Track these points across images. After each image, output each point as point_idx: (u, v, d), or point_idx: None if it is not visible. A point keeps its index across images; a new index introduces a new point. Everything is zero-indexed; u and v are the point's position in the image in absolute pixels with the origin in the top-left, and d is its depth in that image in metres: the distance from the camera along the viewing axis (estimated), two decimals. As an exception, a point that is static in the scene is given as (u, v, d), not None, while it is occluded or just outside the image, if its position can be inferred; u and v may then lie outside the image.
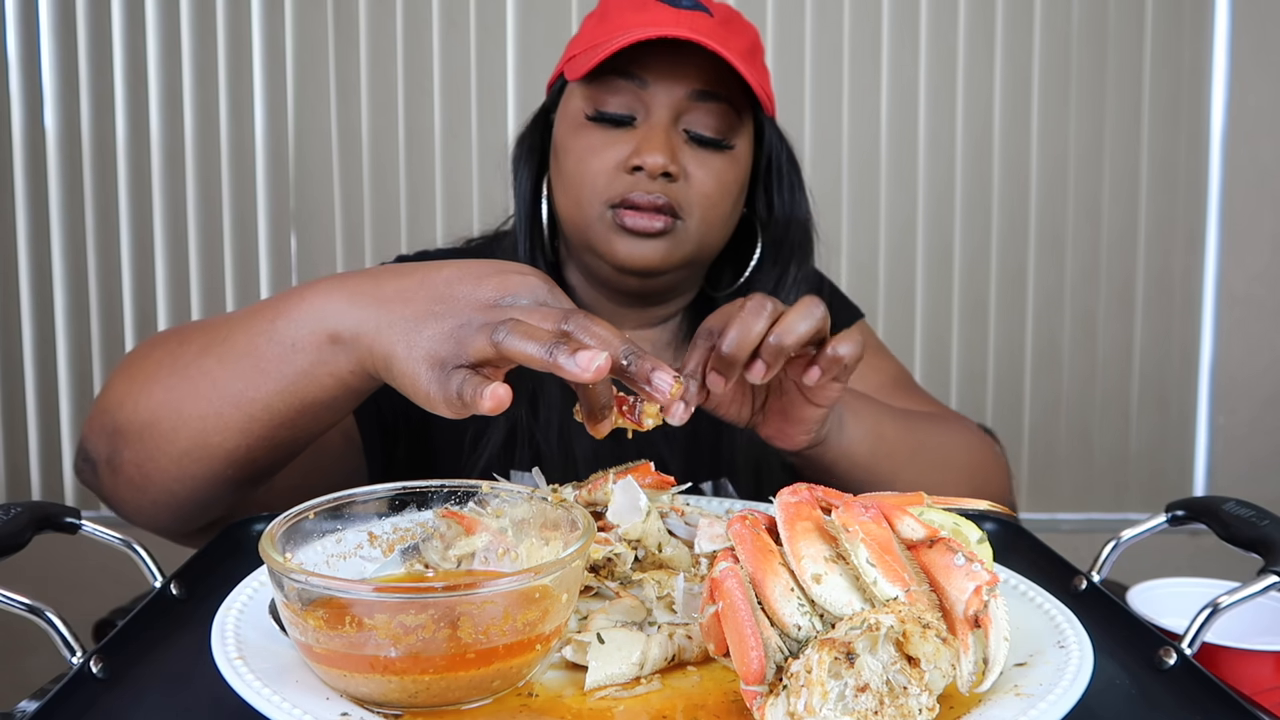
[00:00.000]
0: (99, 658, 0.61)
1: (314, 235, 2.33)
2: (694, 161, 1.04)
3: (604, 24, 1.07)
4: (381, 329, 0.72)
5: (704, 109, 1.04)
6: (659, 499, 0.76)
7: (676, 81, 1.03)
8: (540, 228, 1.13)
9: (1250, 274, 2.36)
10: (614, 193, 1.03)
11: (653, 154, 1.01)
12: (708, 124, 1.05)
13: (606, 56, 1.00)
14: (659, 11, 1.03)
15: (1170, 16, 2.29)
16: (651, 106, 1.04)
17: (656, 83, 1.03)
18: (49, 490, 2.38)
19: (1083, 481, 2.40)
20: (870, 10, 2.28)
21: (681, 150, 1.04)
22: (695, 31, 0.99)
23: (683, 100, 1.04)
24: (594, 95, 1.05)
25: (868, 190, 2.32)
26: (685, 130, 1.05)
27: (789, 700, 0.51)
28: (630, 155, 1.02)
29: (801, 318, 0.79)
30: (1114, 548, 0.82)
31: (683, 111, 1.04)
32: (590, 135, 1.05)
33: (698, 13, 1.03)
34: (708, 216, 1.06)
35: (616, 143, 1.04)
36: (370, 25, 2.28)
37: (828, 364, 0.81)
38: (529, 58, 2.29)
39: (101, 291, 2.33)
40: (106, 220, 2.32)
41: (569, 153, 1.06)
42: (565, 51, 1.14)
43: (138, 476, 0.84)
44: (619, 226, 1.03)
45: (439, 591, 0.55)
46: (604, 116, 1.04)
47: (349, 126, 2.30)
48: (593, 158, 1.04)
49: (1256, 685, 0.76)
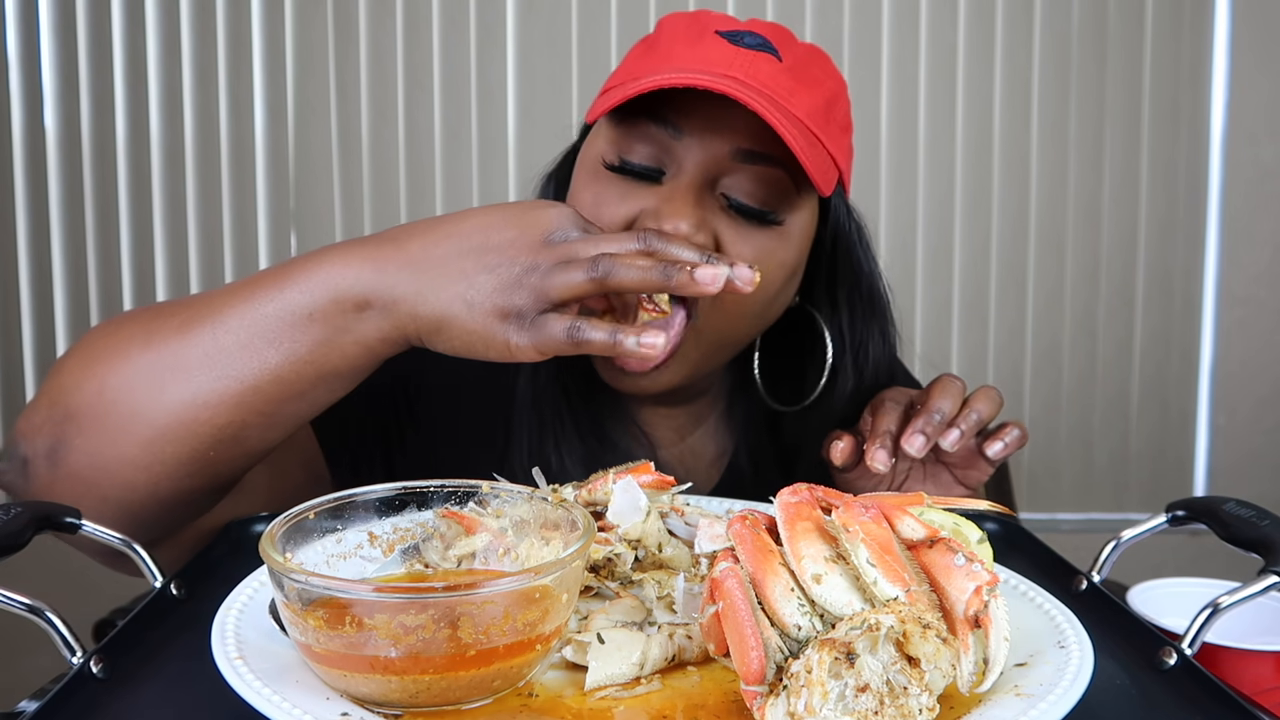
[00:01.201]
0: (99, 658, 0.61)
1: (314, 235, 2.32)
2: (730, 234, 0.85)
3: (650, 55, 0.88)
4: (424, 292, 0.69)
5: (750, 172, 0.85)
6: (659, 499, 0.76)
7: (720, 135, 0.84)
8: None
9: (1250, 274, 2.36)
10: None
11: (674, 218, 0.81)
12: (752, 192, 0.85)
13: (633, 95, 0.81)
14: (715, 48, 0.85)
15: (1170, 16, 2.29)
16: (684, 161, 0.85)
17: (693, 134, 0.84)
18: (49, 490, 2.38)
19: (1083, 481, 2.40)
20: (870, 11, 2.28)
21: (715, 219, 0.85)
22: (752, 77, 0.82)
23: (724, 159, 0.85)
24: (619, 140, 0.86)
25: (868, 191, 2.32)
26: (724, 195, 0.86)
27: (789, 700, 0.51)
28: (643, 214, 0.84)
29: (987, 405, 0.85)
30: (1114, 548, 0.82)
31: (723, 173, 0.85)
32: (606, 185, 0.87)
33: (762, 54, 0.84)
34: (733, 320, 0.87)
35: (632, 196, 0.85)
36: (370, 25, 2.28)
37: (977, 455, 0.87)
38: (529, 58, 2.29)
39: (101, 291, 2.33)
40: (106, 220, 2.32)
41: (579, 201, 0.88)
42: (605, 84, 0.96)
43: (89, 469, 0.74)
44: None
45: (439, 591, 0.55)
46: (627, 167, 0.86)
47: (349, 126, 2.30)
48: (600, 211, 0.85)
49: (1257, 685, 0.76)
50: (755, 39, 0.86)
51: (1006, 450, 0.86)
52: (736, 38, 0.86)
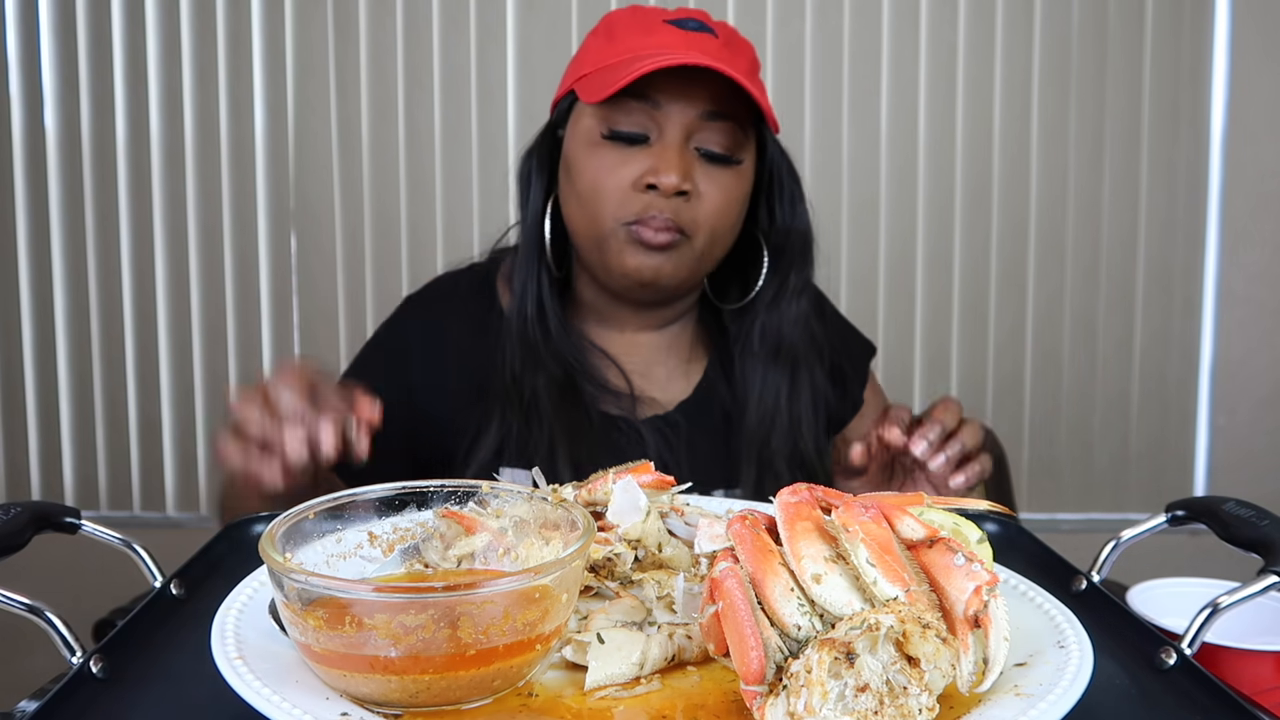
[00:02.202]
0: (99, 658, 0.61)
1: (314, 235, 2.33)
2: (705, 178, 1.10)
3: (612, 44, 1.11)
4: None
5: (714, 128, 1.09)
6: (659, 499, 0.76)
7: (689, 103, 1.07)
8: (545, 247, 1.17)
9: (1250, 274, 2.36)
10: (629, 211, 1.08)
11: (669, 173, 1.06)
12: (718, 141, 1.09)
13: (628, 83, 1.03)
14: (668, 34, 1.09)
15: (1170, 16, 2.29)
16: (665, 127, 1.08)
17: (670, 104, 1.07)
18: (49, 490, 2.38)
19: (1083, 481, 2.40)
20: (870, 11, 2.28)
21: (694, 167, 1.09)
22: (704, 54, 1.05)
23: (694, 120, 1.08)
24: (607, 115, 1.09)
25: (868, 191, 2.32)
26: (697, 148, 1.09)
27: (789, 700, 0.51)
28: (645, 174, 1.07)
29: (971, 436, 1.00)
30: (1114, 548, 0.82)
31: (694, 130, 1.09)
32: (605, 154, 1.09)
33: (704, 34, 1.09)
34: (715, 231, 1.12)
35: (630, 161, 1.08)
36: (370, 25, 2.28)
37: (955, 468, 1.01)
38: (529, 58, 2.29)
39: (101, 291, 2.33)
40: (106, 220, 2.32)
41: (583, 170, 1.10)
42: (569, 69, 1.17)
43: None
44: (632, 240, 1.09)
45: (439, 591, 0.55)
46: (619, 135, 1.09)
47: (349, 126, 2.30)
48: (608, 176, 1.08)
49: (1256, 685, 0.76)
50: (695, 23, 1.10)
51: (968, 484, 1.01)
52: (682, 24, 1.09)
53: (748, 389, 1.20)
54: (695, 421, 1.20)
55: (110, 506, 2.37)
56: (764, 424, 1.19)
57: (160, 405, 2.35)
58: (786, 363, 1.20)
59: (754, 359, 1.20)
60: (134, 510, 2.38)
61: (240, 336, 2.34)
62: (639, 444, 1.16)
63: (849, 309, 1.37)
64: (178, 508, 2.38)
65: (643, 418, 1.19)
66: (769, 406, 1.19)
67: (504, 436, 1.14)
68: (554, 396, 1.14)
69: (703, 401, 1.22)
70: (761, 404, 1.19)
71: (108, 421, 2.36)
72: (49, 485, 2.38)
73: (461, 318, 1.22)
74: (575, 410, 1.15)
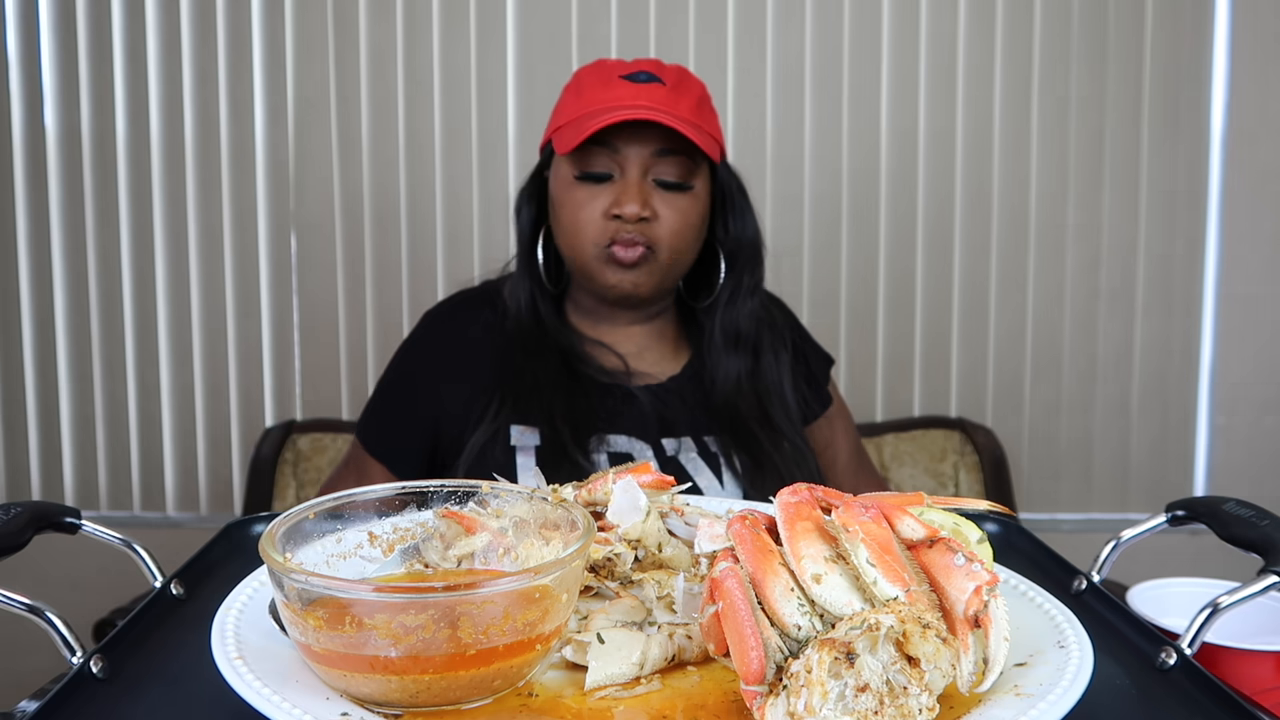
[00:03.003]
0: (99, 658, 0.61)
1: (314, 235, 2.33)
2: (662, 203, 1.32)
3: (579, 99, 1.33)
4: None
5: (667, 161, 1.31)
6: (659, 499, 0.76)
7: (643, 145, 1.30)
8: (537, 264, 1.40)
9: (1250, 274, 2.36)
10: (604, 236, 1.31)
11: (630, 203, 1.29)
12: (671, 171, 1.32)
13: (586, 138, 1.27)
14: (622, 89, 1.31)
15: (1170, 17, 2.29)
16: (625, 166, 1.31)
17: (626, 147, 1.30)
18: (49, 490, 2.38)
19: (1083, 481, 2.40)
20: (870, 11, 2.28)
21: (652, 196, 1.31)
22: (653, 102, 1.28)
23: (649, 158, 1.31)
24: (579, 161, 1.32)
25: (868, 190, 2.32)
26: (654, 180, 1.31)
27: (789, 700, 0.51)
28: (611, 205, 1.30)
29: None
30: (1114, 548, 0.82)
31: (650, 165, 1.31)
32: (579, 192, 1.32)
33: (653, 84, 1.31)
34: (676, 245, 1.34)
35: (600, 195, 1.31)
36: (370, 25, 2.28)
37: None
38: (529, 58, 2.29)
39: (101, 291, 2.33)
40: (106, 220, 2.32)
41: (564, 207, 1.34)
42: (551, 119, 1.39)
43: None
44: (609, 260, 1.32)
45: (439, 591, 0.55)
46: (589, 176, 1.32)
47: (349, 126, 2.30)
48: (583, 210, 1.32)
49: (1256, 685, 0.76)
50: (645, 75, 1.32)
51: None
52: (634, 77, 1.32)
53: (714, 374, 1.39)
54: (684, 390, 1.40)
55: (110, 506, 2.37)
56: (729, 402, 1.37)
57: (160, 405, 2.35)
58: (747, 349, 1.40)
59: (717, 349, 1.40)
60: (134, 510, 2.38)
61: (240, 336, 2.34)
62: (633, 404, 1.36)
63: (849, 309, 1.38)
64: (178, 508, 2.38)
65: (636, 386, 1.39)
66: (733, 387, 1.38)
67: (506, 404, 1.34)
68: (552, 374, 1.35)
69: (692, 377, 1.42)
70: (725, 384, 1.38)
71: (108, 421, 2.36)
72: (49, 485, 2.38)
73: (477, 324, 1.43)
74: (574, 381, 1.35)
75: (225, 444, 2.36)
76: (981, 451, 2.04)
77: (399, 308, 2.33)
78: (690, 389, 1.40)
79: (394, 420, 1.41)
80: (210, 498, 2.37)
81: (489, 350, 1.40)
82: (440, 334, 1.45)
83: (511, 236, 1.45)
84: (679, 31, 2.27)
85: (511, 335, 1.40)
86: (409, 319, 2.32)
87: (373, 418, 1.43)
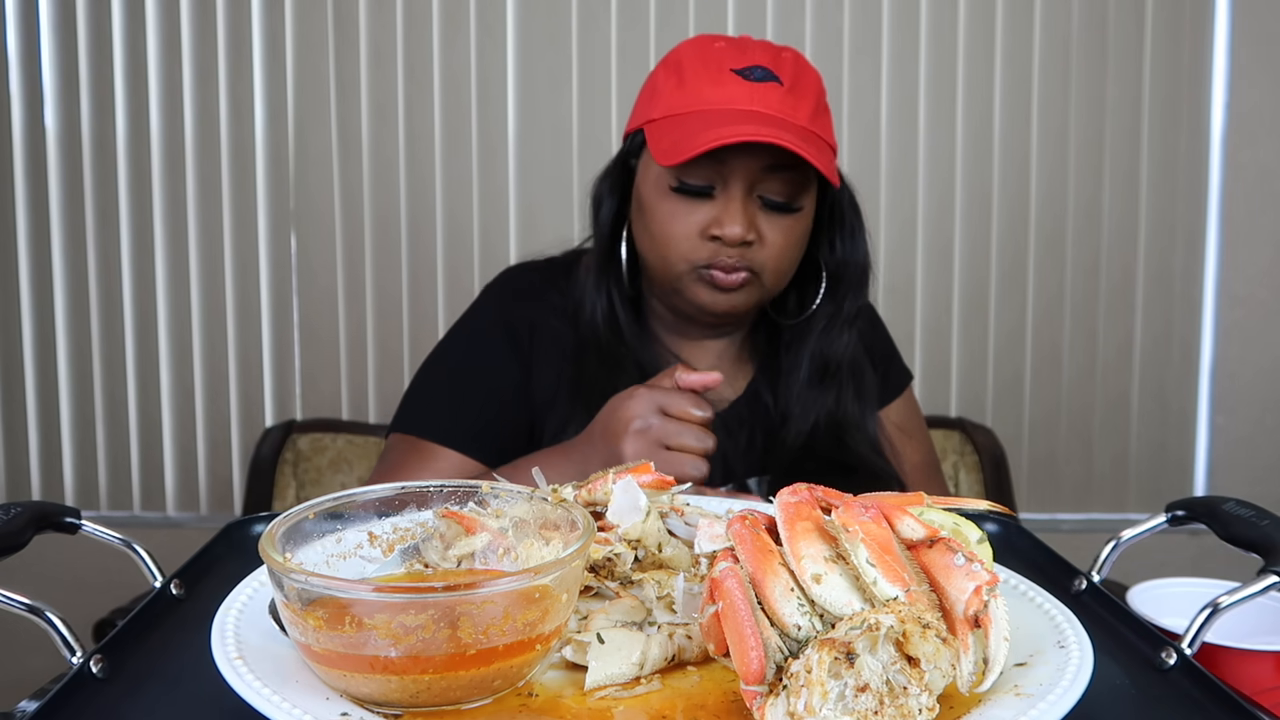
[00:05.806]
0: (99, 658, 0.61)
1: (314, 235, 2.33)
2: (767, 225, 1.17)
3: (682, 90, 1.17)
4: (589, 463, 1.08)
5: (776, 178, 1.15)
6: (659, 499, 0.76)
7: (752, 158, 1.13)
8: (618, 261, 1.26)
9: (1250, 274, 2.36)
10: (698, 258, 1.17)
11: (733, 225, 1.13)
12: (779, 190, 1.16)
13: (695, 155, 1.10)
14: (734, 87, 1.14)
15: (1170, 16, 2.29)
16: (729, 180, 1.14)
17: (734, 160, 1.13)
18: (49, 490, 2.38)
19: (1083, 481, 2.40)
20: (870, 11, 2.28)
21: (757, 217, 1.16)
22: (768, 108, 1.13)
23: (757, 173, 1.14)
24: (677, 169, 1.15)
25: (868, 190, 2.32)
26: (760, 197, 1.16)
27: (789, 700, 0.51)
28: (710, 224, 1.15)
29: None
30: (1114, 548, 0.82)
31: (757, 182, 1.15)
32: (674, 203, 1.17)
33: (769, 84, 1.14)
34: (780, 269, 1.20)
35: (698, 211, 1.16)
36: (370, 25, 2.28)
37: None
38: (529, 58, 2.29)
39: (101, 291, 2.33)
40: (106, 220, 2.32)
41: (654, 214, 1.19)
42: (640, 101, 1.23)
43: None
44: (705, 281, 1.18)
45: (439, 591, 0.55)
46: (685, 188, 1.16)
47: (349, 126, 2.30)
48: (676, 224, 1.17)
49: (1256, 685, 0.76)
50: (761, 71, 1.14)
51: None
52: (748, 74, 1.14)
53: (790, 406, 1.27)
54: (743, 416, 1.29)
55: (110, 506, 2.37)
56: (800, 443, 1.25)
57: (160, 405, 2.35)
58: (832, 383, 1.27)
59: (800, 380, 1.27)
60: (134, 510, 2.38)
61: (240, 336, 2.34)
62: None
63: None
64: (178, 508, 2.38)
65: None
66: (810, 423, 1.26)
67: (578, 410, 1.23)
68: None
69: (751, 403, 1.30)
70: (802, 423, 1.26)
71: (108, 421, 2.36)
72: (49, 485, 2.38)
73: (546, 310, 1.31)
74: None
75: (225, 444, 2.36)
76: (981, 451, 2.04)
77: (399, 308, 2.33)
78: (749, 415, 1.29)
79: (471, 403, 1.27)
80: (210, 498, 2.37)
81: (569, 340, 1.28)
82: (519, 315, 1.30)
83: (512, 236, 1.38)
84: (679, 32, 2.27)
85: (585, 339, 1.27)
86: (409, 319, 2.32)
87: (440, 403, 1.27)
